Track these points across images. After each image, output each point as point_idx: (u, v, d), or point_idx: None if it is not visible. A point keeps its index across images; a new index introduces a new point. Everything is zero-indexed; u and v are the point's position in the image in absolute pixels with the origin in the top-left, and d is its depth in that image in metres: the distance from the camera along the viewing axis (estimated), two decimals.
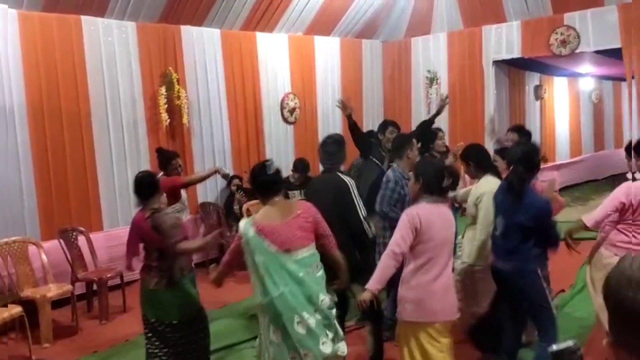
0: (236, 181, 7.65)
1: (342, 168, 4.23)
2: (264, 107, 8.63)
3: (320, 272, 3.15)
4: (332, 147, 4.09)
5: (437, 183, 3.28)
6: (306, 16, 8.74)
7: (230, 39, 8.09)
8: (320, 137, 9.29)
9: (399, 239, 3.17)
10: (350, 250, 3.70)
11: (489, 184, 4.06)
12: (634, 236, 3.59)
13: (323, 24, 9.16)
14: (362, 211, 3.87)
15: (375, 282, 3.18)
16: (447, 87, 9.93)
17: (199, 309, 3.95)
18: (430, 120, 6.07)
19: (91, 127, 6.68)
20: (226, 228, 7.26)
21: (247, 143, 8.41)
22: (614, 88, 14.39)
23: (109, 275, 5.93)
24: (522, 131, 5.18)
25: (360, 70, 10.23)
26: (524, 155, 3.57)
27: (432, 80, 10.07)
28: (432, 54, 10.12)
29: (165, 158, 5.69)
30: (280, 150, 8.85)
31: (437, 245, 3.18)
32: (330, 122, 9.64)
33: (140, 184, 3.93)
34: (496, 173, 4.22)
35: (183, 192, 5.87)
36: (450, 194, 4.29)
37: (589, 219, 3.67)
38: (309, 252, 3.12)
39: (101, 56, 6.73)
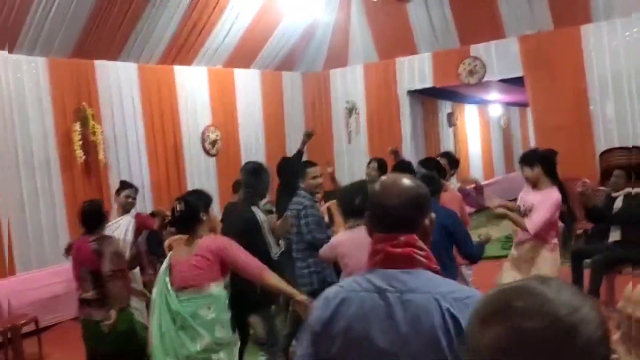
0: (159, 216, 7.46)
1: (268, 197, 4.23)
2: (184, 141, 8.54)
3: (213, 315, 3.01)
4: (247, 177, 4.06)
5: (350, 205, 3.34)
6: (225, 49, 8.79)
7: (147, 73, 7.99)
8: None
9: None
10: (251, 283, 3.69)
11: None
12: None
13: (242, 57, 9.24)
14: (271, 249, 3.92)
15: None
16: (366, 117, 10.25)
17: (142, 343, 3.86)
18: (300, 152, 6.10)
19: None
20: (149, 265, 7.03)
21: (167, 177, 8.26)
22: (520, 113, 15.39)
23: (22, 322, 5.58)
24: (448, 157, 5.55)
25: (282, 102, 10.37)
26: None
27: (351, 110, 10.36)
28: (350, 85, 10.43)
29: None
30: (203, 183, 8.73)
31: (352, 271, 3.21)
32: (253, 153, 9.65)
33: (88, 214, 3.82)
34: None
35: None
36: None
37: (532, 227, 3.91)
38: (202, 292, 3.02)
39: (10, 93, 6.45)
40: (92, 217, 3.89)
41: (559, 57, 8.50)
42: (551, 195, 3.97)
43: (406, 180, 1.56)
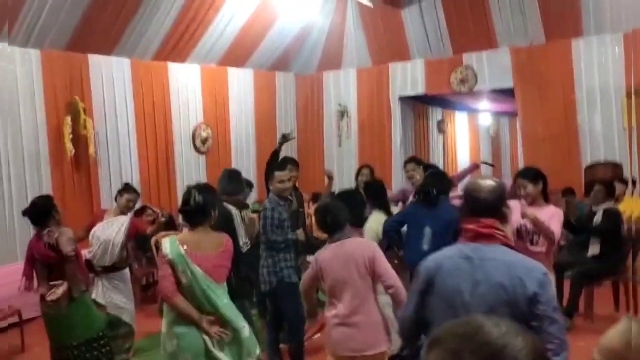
0: (149, 212, 7.47)
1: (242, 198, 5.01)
2: (175, 137, 8.56)
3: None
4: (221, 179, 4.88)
5: (322, 223, 3.42)
6: (219, 47, 8.82)
7: (140, 69, 8.00)
8: (235, 167, 9.42)
9: (304, 278, 3.54)
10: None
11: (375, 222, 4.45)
12: None
13: (236, 56, 9.28)
14: (241, 238, 4.35)
15: None
16: (357, 121, 10.32)
17: (102, 331, 3.90)
18: (275, 152, 6.14)
19: None
20: (134, 260, 7.06)
21: (156, 173, 8.28)
22: (510, 123, 15.52)
23: (4, 315, 5.59)
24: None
25: (274, 102, 10.41)
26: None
27: (342, 113, 10.43)
28: (342, 89, 10.49)
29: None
30: (192, 180, 8.71)
31: (334, 285, 3.30)
32: (244, 152, 9.70)
33: (34, 210, 3.85)
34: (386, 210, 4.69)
35: None
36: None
37: (555, 236, 3.78)
38: (222, 287, 3.18)
39: (1, 84, 6.44)
40: (38, 213, 3.88)
41: (550, 69, 8.63)
42: (558, 211, 3.95)
43: (490, 181, 2.17)
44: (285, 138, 6.00)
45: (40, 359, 3.86)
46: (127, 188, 5.28)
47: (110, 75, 7.62)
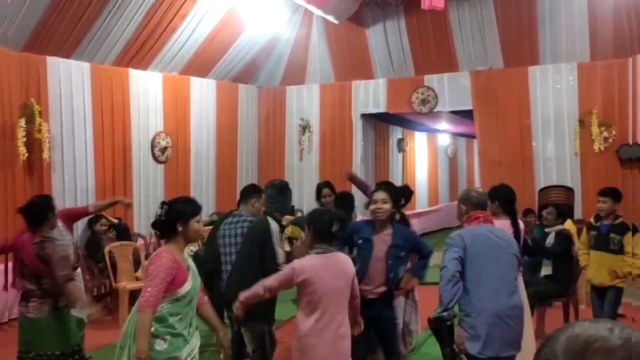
0: (103, 221, 7.27)
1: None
2: (134, 145, 8.39)
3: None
4: (272, 191, 4.23)
5: (326, 230, 3.28)
6: (183, 56, 8.73)
7: (100, 74, 7.82)
8: (193, 178, 9.33)
9: (273, 282, 3.27)
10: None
11: None
12: None
13: (200, 66, 9.20)
14: (278, 256, 3.92)
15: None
16: (319, 136, 10.37)
17: (79, 345, 3.78)
18: None
19: None
20: (87, 271, 6.84)
21: (113, 181, 8.07)
22: (467, 144, 15.90)
23: None
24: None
25: (236, 114, 10.35)
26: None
27: (305, 128, 10.45)
28: (305, 103, 10.53)
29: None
30: (150, 189, 8.61)
31: (323, 297, 3.18)
32: (203, 163, 9.59)
33: (31, 211, 3.70)
34: None
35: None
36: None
37: None
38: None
39: None
40: (35, 214, 3.71)
41: (507, 94, 8.90)
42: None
43: (481, 190, 4.10)
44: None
45: None
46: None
47: (69, 79, 7.43)
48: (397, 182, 11.52)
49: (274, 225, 3.93)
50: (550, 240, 5.54)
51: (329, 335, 3.19)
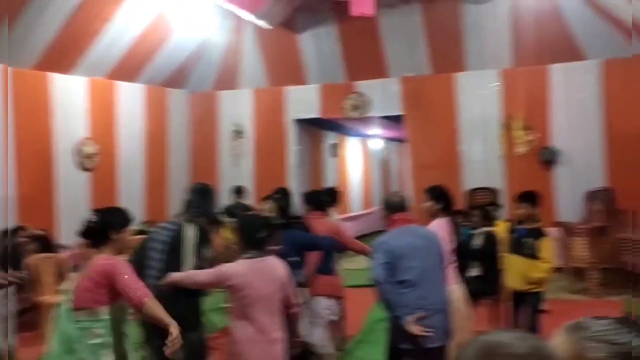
0: (24, 232, 6.89)
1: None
2: (58, 152, 8.01)
3: (98, 340, 2.92)
4: (191, 195, 3.99)
5: (255, 236, 3.27)
6: (109, 60, 8.44)
7: (19, 78, 7.42)
8: (122, 186, 9.02)
9: (202, 276, 3.37)
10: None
11: None
12: None
13: (127, 69, 8.92)
14: (185, 265, 3.74)
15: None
16: (253, 141, 10.29)
17: None
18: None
19: None
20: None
21: (36, 190, 7.66)
22: (399, 149, 16.22)
23: None
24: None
25: (166, 120, 10.10)
26: None
27: (238, 133, 10.35)
28: (238, 108, 10.43)
29: None
30: (76, 198, 8.23)
31: (254, 302, 3.16)
32: (132, 170, 9.28)
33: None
34: None
35: None
36: None
37: None
38: (93, 316, 2.94)
39: None
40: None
41: (436, 99, 9.17)
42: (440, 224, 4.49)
43: (401, 194, 4.38)
44: None
45: None
46: None
47: None
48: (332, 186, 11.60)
49: (190, 232, 3.78)
50: (476, 241, 5.72)
51: (262, 340, 3.18)
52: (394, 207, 3.72)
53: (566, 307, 6.34)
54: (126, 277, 2.93)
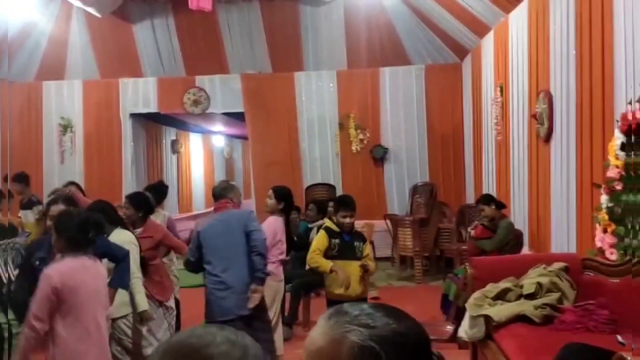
0: None
1: None
2: None
3: None
4: None
5: (82, 236, 3.05)
6: None
7: None
8: None
9: (37, 309, 2.85)
10: None
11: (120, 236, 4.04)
12: None
13: None
14: None
15: None
16: (83, 136, 9.61)
17: None
18: None
19: None
20: None
21: None
22: (242, 146, 16.22)
23: None
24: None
25: None
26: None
27: (66, 127, 9.59)
28: (66, 101, 9.67)
29: None
30: None
31: (86, 300, 2.95)
32: None
33: None
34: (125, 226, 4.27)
35: None
36: None
37: None
38: None
39: None
40: None
41: (276, 97, 9.33)
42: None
43: (222, 182, 4.54)
44: None
45: None
46: None
47: None
48: (172, 184, 11.25)
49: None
50: (312, 235, 5.91)
51: (97, 338, 3.00)
52: (215, 195, 4.17)
53: (395, 294, 6.84)
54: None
